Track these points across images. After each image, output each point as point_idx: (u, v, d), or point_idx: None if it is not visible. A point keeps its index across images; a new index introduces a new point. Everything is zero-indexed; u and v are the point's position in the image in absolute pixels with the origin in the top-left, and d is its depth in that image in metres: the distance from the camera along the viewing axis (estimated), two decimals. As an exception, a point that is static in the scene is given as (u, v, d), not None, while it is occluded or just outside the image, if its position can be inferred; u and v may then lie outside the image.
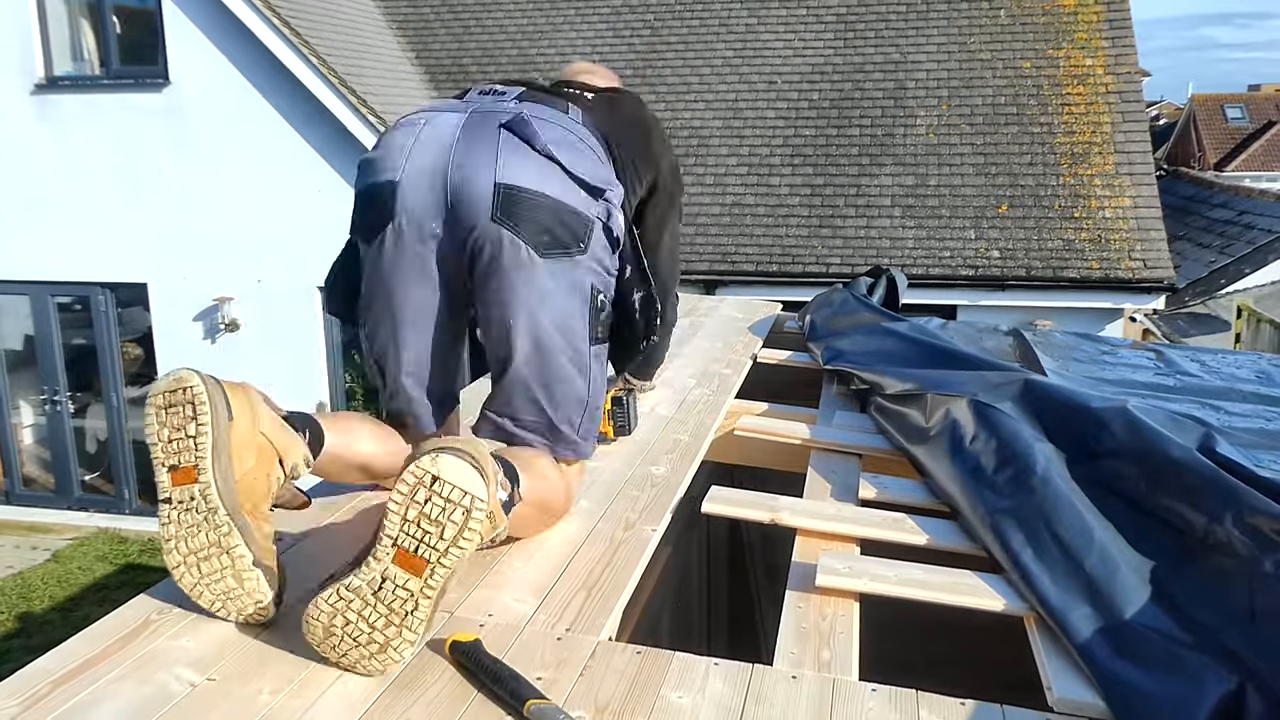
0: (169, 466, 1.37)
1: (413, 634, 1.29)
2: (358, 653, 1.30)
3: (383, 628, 1.28)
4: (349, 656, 1.31)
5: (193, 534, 1.37)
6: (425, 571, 1.28)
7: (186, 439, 1.36)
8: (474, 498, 1.28)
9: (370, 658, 1.30)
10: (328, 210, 8.55)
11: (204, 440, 1.36)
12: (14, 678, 1.28)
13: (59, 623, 7.30)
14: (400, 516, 1.28)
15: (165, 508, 1.38)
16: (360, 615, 1.28)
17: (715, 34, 9.44)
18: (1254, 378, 2.71)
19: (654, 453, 2.21)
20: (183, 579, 1.39)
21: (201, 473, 1.36)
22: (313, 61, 8.13)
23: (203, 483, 1.36)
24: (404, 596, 1.28)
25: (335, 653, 1.31)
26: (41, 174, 9.00)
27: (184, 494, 1.36)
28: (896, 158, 8.28)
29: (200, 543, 1.37)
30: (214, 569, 1.37)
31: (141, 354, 9.47)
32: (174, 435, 1.37)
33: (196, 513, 1.37)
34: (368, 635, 1.28)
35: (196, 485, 1.36)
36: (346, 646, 1.30)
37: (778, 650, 1.46)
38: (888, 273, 3.46)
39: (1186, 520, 1.58)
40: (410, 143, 1.66)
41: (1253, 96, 34.55)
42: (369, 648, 1.29)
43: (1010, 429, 1.94)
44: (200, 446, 1.36)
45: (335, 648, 1.31)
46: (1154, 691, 1.31)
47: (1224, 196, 9.63)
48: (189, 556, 1.37)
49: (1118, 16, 8.69)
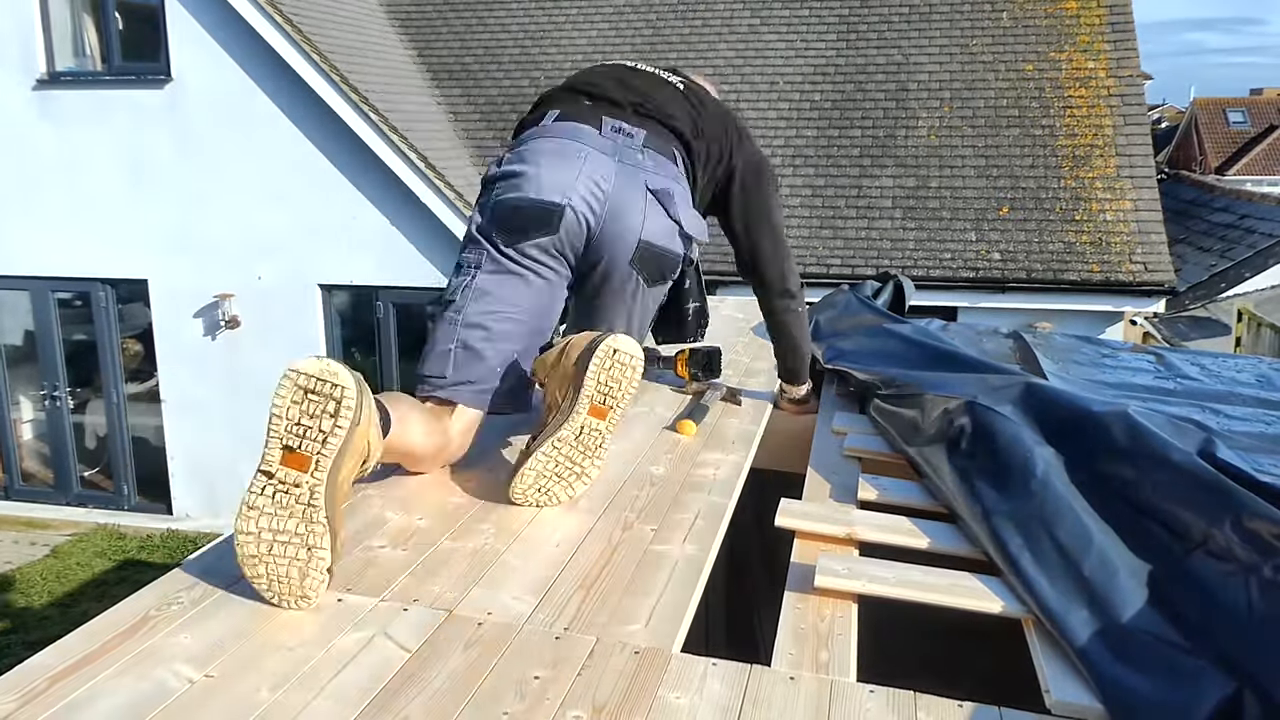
0: (285, 446, 1.43)
1: (600, 461, 1.86)
2: (559, 486, 1.84)
3: (580, 460, 1.83)
4: (549, 491, 1.84)
5: (282, 517, 1.43)
6: (609, 415, 1.83)
7: (318, 431, 1.43)
8: (639, 359, 1.84)
9: (568, 486, 1.85)
10: (328, 210, 8.57)
11: (334, 441, 1.44)
12: (12, 673, 1.28)
13: (57, 618, 7.31)
14: (595, 380, 1.81)
15: (263, 479, 1.43)
16: (567, 456, 1.82)
17: (717, 34, 9.44)
18: (1254, 381, 2.71)
19: (653, 453, 2.22)
20: (245, 547, 1.43)
21: (319, 469, 1.44)
22: (314, 59, 8.13)
23: (315, 478, 1.44)
24: (597, 436, 1.83)
25: (539, 493, 1.84)
26: (43, 169, 9.01)
27: (289, 477, 1.43)
28: (898, 159, 8.28)
29: (286, 528, 1.43)
30: (287, 556, 1.43)
31: (141, 350, 9.48)
32: (304, 420, 1.43)
33: (296, 501, 1.43)
34: (569, 469, 1.83)
35: (308, 477, 1.43)
36: (550, 484, 1.84)
37: (776, 651, 1.46)
38: (896, 278, 3.45)
39: (1186, 525, 1.58)
40: (573, 177, 2.01)
41: (1254, 101, 34.58)
42: (568, 479, 1.84)
43: (1010, 433, 1.94)
44: (328, 446, 1.44)
45: (542, 489, 1.84)
46: (1152, 696, 1.31)
47: (1225, 200, 9.63)
48: (266, 534, 1.42)
49: (1120, 20, 8.69)
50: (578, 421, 1.81)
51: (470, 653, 1.38)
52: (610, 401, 1.83)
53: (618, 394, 1.82)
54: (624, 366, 1.82)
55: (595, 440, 1.83)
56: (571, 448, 1.82)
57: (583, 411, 1.81)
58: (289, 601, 1.45)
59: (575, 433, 1.81)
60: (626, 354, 1.82)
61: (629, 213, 2.05)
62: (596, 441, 1.83)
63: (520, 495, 1.84)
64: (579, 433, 1.82)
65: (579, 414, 1.81)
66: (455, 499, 1.91)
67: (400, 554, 1.67)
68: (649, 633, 1.45)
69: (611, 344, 1.82)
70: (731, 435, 2.36)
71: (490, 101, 9.37)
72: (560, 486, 1.84)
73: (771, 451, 2.53)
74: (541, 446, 1.81)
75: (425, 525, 1.79)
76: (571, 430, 1.81)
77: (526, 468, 1.81)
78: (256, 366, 8.98)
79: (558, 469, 1.83)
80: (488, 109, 9.31)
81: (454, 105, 9.37)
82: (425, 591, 1.54)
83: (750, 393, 2.71)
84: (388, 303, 8.81)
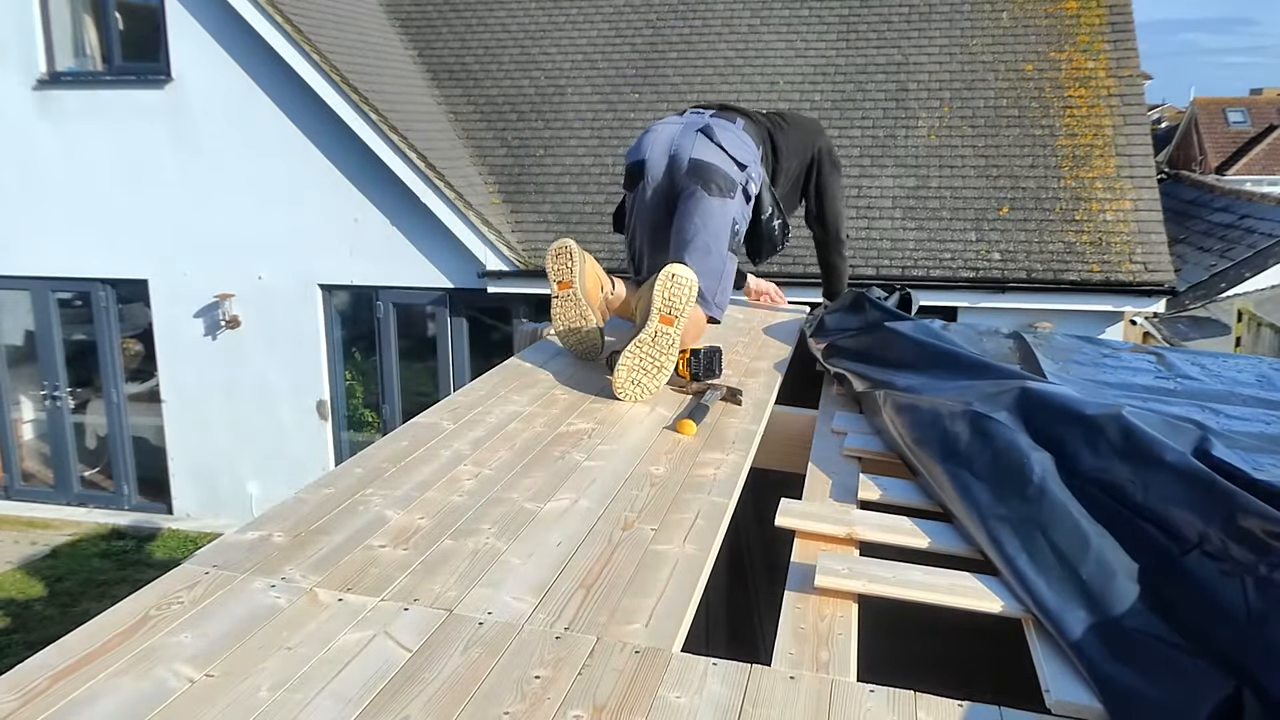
0: (558, 281, 2.71)
1: (672, 359, 2.50)
2: (646, 377, 2.49)
3: (658, 356, 2.48)
4: (640, 383, 2.49)
5: (569, 311, 2.73)
6: (674, 324, 2.48)
7: (568, 270, 2.70)
8: (692, 281, 2.51)
9: (653, 378, 2.49)
10: (328, 209, 8.57)
11: (576, 270, 2.71)
12: (13, 672, 1.28)
13: (58, 618, 7.31)
14: (662, 297, 2.48)
15: (556, 302, 2.72)
16: (647, 353, 2.48)
17: (717, 34, 9.44)
18: (1254, 381, 2.71)
19: (653, 453, 2.22)
20: (559, 328, 2.77)
21: (574, 284, 2.70)
22: (314, 59, 8.13)
23: (575, 288, 2.71)
24: (668, 339, 2.49)
25: (634, 385, 2.49)
26: (43, 169, 9.01)
27: (566, 294, 2.71)
28: (898, 159, 8.28)
29: (572, 314, 2.74)
30: (577, 326, 2.75)
31: (142, 350, 9.48)
32: (559, 267, 2.71)
33: (571, 304, 2.72)
34: (651, 363, 2.48)
35: (572, 290, 2.71)
36: (640, 375, 2.48)
37: (776, 651, 1.46)
38: (903, 291, 3.47)
39: (1182, 525, 1.58)
40: (651, 139, 3.06)
41: (1254, 100, 34.55)
42: (651, 371, 2.49)
43: (1006, 438, 1.94)
44: (574, 272, 2.71)
45: (635, 380, 2.48)
46: (1152, 696, 1.31)
47: (1225, 200, 9.62)
48: (564, 321, 2.75)
49: (1120, 20, 8.69)
50: (652, 327, 2.47)
51: (470, 652, 1.38)
52: (674, 312, 2.48)
53: (679, 306, 2.49)
54: (680, 284, 2.49)
55: (667, 341, 2.48)
56: (651, 347, 2.48)
57: (654, 320, 2.47)
58: (586, 346, 2.78)
59: (651, 336, 2.47)
60: (682, 276, 2.50)
61: (684, 142, 2.98)
62: (668, 342, 2.48)
63: (619, 388, 2.50)
64: (654, 335, 2.47)
65: (652, 322, 2.47)
66: (455, 499, 1.91)
67: (400, 554, 1.67)
68: (649, 633, 1.45)
69: (670, 269, 2.51)
70: (731, 435, 2.36)
71: (490, 101, 9.37)
72: (647, 378, 2.49)
73: (771, 451, 2.53)
74: (628, 347, 2.48)
75: (425, 525, 1.79)
76: (649, 334, 2.47)
77: (620, 364, 2.47)
78: (257, 366, 8.99)
79: (642, 363, 2.48)
80: (488, 109, 9.31)
81: (454, 105, 9.37)
82: (425, 591, 1.54)
83: (750, 393, 2.71)
84: (388, 303, 8.81)
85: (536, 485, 1.99)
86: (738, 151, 2.97)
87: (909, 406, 2.28)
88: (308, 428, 9.06)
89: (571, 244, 2.75)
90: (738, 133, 3.04)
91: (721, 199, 2.92)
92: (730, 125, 3.05)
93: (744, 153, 2.99)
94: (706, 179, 2.90)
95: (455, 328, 8.78)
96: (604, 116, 9.04)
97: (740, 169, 2.96)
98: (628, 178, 3.12)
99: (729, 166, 2.94)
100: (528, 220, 8.51)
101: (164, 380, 9.26)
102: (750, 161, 3.00)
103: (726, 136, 2.99)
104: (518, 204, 8.64)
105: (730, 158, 2.95)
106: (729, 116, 3.09)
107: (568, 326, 2.81)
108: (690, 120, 3.07)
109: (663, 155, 2.99)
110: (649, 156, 3.01)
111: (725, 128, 3.02)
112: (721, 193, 2.92)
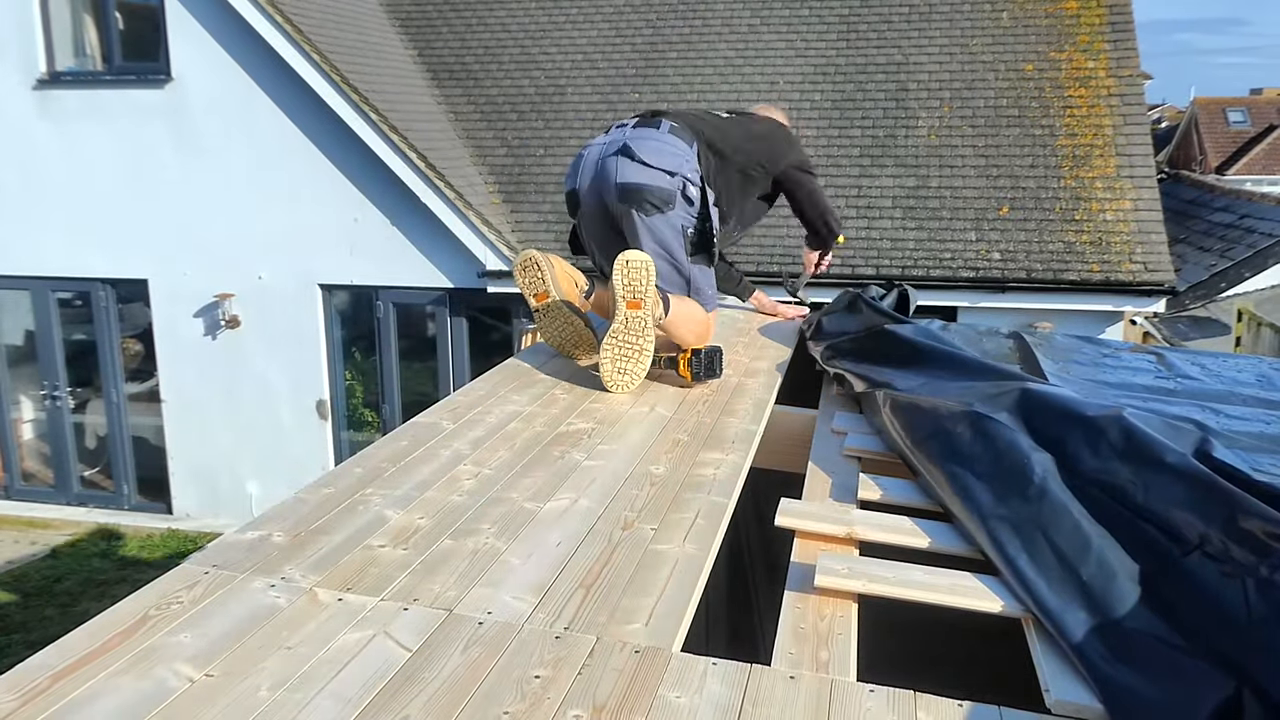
0: (534, 294, 2.83)
1: (649, 340, 2.62)
2: (630, 363, 2.62)
3: (635, 340, 2.60)
4: (626, 370, 2.63)
5: (554, 320, 2.86)
6: (642, 305, 2.57)
7: (540, 280, 2.82)
8: (646, 260, 2.58)
9: (636, 363, 2.62)
10: (328, 209, 8.57)
11: (547, 277, 2.81)
12: (13, 672, 1.28)
13: (58, 618, 7.31)
14: (622, 284, 2.56)
15: (538, 315, 2.86)
16: (625, 340, 2.60)
17: (717, 34, 9.43)
18: (1255, 381, 2.71)
19: (653, 453, 2.22)
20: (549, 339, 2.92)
21: (550, 293, 2.82)
22: (315, 59, 8.13)
23: (552, 295, 2.82)
24: (640, 322, 2.59)
25: (621, 375, 2.63)
26: (43, 169, 9.01)
27: (545, 305, 2.83)
28: (898, 159, 8.28)
29: (558, 321, 2.86)
30: (566, 329, 2.88)
31: (142, 350, 9.48)
32: (530, 281, 2.82)
33: (554, 312, 2.84)
34: (629, 348, 2.61)
35: (550, 299, 2.82)
36: (623, 363, 2.62)
37: (776, 651, 1.46)
38: (900, 288, 3.46)
39: (1182, 526, 1.58)
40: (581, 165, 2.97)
41: (1254, 100, 34.53)
42: (633, 356, 2.61)
43: (1007, 439, 1.94)
44: (546, 280, 2.81)
45: (621, 370, 2.63)
46: (1152, 696, 1.31)
47: (1225, 200, 9.62)
48: (551, 331, 2.88)
49: (1120, 20, 8.69)
50: (621, 315, 2.58)
51: (470, 652, 1.38)
52: (638, 295, 2.57)
53: (641, 287, 2.57)
54: (635, 268, 2.57)
55: (640, 324, 2.59)
56: (625, 334, 2.59)
57: (621, 307, 2.57)
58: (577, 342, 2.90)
59: (624, 323, 2.58)
60: (636, 259, 2.58)
61: (608, 173, 2.88)
62: (641, 325, 2.59)
63: (607, 380, 2.63)
64: (625, 322, 2.58)
65: (620, 310, 2.57)
66: (455, 498, 1.91)
67: (400, 554, 1.67)
68: (649, 632, 1.45)
69: (624, 256, 2.58)
70: (731, 435, 2.36)
71: (490, 101, 9.36)
72: (630, 364, 2.62)
73: (771, 451, 2.53)
74: (604, 340, 2.62)
75: (425, 525, 1.79)
76: (620, 323, 2.58)
77: (601, 360, 2.62)
78: (257, 366, 8.98)
79: (622, 351, 2.61)
80: (488, 109, 9.31)
81: (454, 105, 9.36)
82: (425, 591, 1.54)
83: (750, 393, 2.71)
84: (388, 303, 8.81)
85: (536, 485, 1.99)
86: (663, 160, 2.83)
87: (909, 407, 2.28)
88: (308, 427, 9.05)
89: (535, 253, 2.80)
90: (661, 139, 2.90)
91: (660, 214, 2.82)
92: (652, 133, 2.91)
93: (670, 159, 2.85)
94: (638, 201, 2.80)
95: (455, 327, 8.77)
96: (604, 117, 9.03)
97: (670, 176, 2.83)
98: (568, 206, 3.05)
99: (658, 180, 2.81)
100: (528, 220, 8.50)
101: (164, 380, 9.25)
102: (680, 165, 2.85)
103: (648, 148, 2.84)
104: (518, 204, 8.63)
105: (656, 170, 2.81)
106: (653, 123, 2.96)
107: (557, 334, 2.87)
108: (612, 139, 2.93)
109: (591, 183, 2.90)
110: (580, 185, 2.94)
111: (646, 138, 2.88)
112: (658, 209, 2.82)
